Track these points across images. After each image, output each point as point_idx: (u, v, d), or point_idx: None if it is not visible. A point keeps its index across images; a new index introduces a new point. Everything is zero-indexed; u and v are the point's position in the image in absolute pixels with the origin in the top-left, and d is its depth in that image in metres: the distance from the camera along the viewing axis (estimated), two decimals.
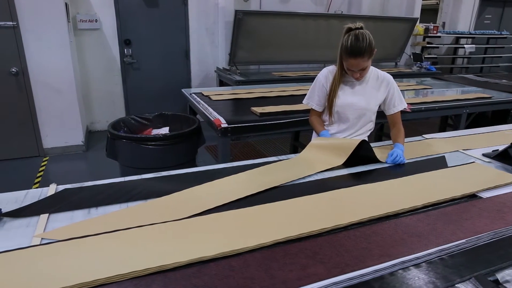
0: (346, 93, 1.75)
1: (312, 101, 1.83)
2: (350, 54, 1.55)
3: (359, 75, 1.64)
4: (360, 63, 1.57)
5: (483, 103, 3.13)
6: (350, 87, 1.76)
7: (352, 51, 1.54)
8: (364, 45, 1.52)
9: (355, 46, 1.53)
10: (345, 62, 1.62)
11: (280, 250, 0.92)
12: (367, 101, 1.75)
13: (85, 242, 0.93)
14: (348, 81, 1.75)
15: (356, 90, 1.75)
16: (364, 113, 1.77)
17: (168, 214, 1.08)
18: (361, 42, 1.52)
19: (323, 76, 1.77)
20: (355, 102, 1.74)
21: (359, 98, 1.75)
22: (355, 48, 1.53)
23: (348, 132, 1.81)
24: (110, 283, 0.79)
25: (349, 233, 1.01)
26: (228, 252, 0.89)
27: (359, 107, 1.75)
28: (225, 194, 1.22)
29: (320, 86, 1.78)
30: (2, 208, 1.17)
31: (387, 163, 1.59)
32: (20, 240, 1.00)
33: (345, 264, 0.88)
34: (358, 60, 1.55)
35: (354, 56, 1.55)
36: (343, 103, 1.74)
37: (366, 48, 1.53)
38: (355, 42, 1.53)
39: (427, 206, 1.19)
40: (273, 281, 0.80)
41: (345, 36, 1.58)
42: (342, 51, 1.59)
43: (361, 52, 1.53)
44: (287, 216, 1.07)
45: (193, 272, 0.82)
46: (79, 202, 1.21)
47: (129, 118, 2.75)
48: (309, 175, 1.43)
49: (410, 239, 0.99)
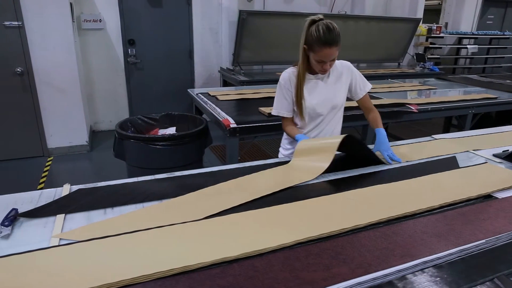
0: (313, 92, 1.69)
1: (282, 110, 1.74)
2: (324, 43, 1.49)
3: (329, 66, 1.59)
4: (334, 52, 1.52)
5: (489, 103, 3.13)
6: (315, 85, 1.70)
7: (327, 40, 1.48)
8: (336, 33, 1.49)
9: (329, 35, 1.48)
10: (316, 54, 1.53)
11: (302, 250, 0.92)
12: (335, 95, 1.72)
13: (106, 243, 0.93)
14: (311, 79, 1.70)
15: (322, 86, 1.71)
16: (335, 106, 1.74)
17: (187, 214, 1.08)
18: (333, 31, 1.49)
19: (286, 80, 1.69)
20: (325, 99, 1.70)
21: (327, 93, 1.71)
22: (330, 37, 1.48)
23: (322, 127, 1.77)
24: (135, 283, 0.79)
25: (368, 233, 1.01)
26: (251, 253, 0.89)
27: (330, 102, 1.72)
28: (242, 194, 1.22)
29: (286, 92, 1.70)
30: (18, 208, 1.18)
31: (390, 163, 1.60)
32: (39, 241, 1.00)
33: (368, 264, 0.88)
34: (333, 49, 1.50)
35: (329, 45, 1.49)
36: (312, 102, 1.69)
37: (338, 36, 1.51)
38: (328, 32, 1.48)
39: (443, 206, 1.20)
40: (298, 281, 0.80)
41: (312, 27, 1.52)
42: (313, 42, 1.51)
43: (336, 40, 1.49)
44: (306, 216, 1.08)
45: (217, 273, 0.82)
46: (94, 202, 1.21)
47: (136, 118, 2.75)
48: (322, 175, 1.43)
49: (430, 239, 0.99)
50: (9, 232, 1.05)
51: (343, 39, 1.57)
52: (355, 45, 5.29)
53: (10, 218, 1.10)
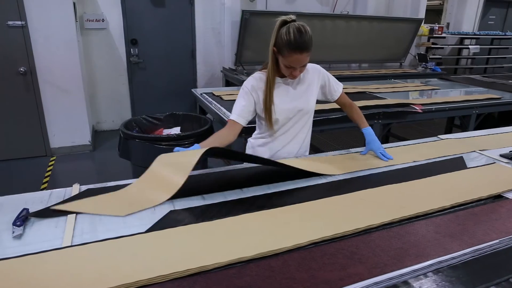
0: (283, 98, 1.55)
1: (242, 117, 1.52)
2: (295, 49, 1.35)
3: (299, 72, 1.46)
4: (305, 59, 1.39)
5: (493, 103, 3.13)
6: (285, 90, 1.56)
7: (298, 45, 1.34)
8: (308, 37, 1.35)
9: (300, 39, 1.34)
10: (285, 59, 1.39)
11: (318, 250, 0.92)
12: (306, 101, 1.60)
13: (121, 243, 0.93)
14: (281, 84, 1.55)
15: (292, 91, 1.57)
16: (307, 112, 1.63)
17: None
18: (305, 34, 1.35)
19: (251, 87, 1.53)
20: (296, 105, 1.57)
21: (298, 99, 1.57)
22: (301, 42, 1.34)
23: (292, 134, 1.64)
24: (152, 284, 0.79)
25: (382, 233, 1.01)
26: (266, 253, 0.89)
27: (300, 109, 1.59)
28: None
29: (248, 98, 1.53)
30: (29, 208, 1.17)
31: (386, 160, 1.61)
32: (51, 241, 1.00)
33: (383, 264, 0.88)
34: (303, 55, 1.37)
35: (300, 50, 1.35)
36: (283, 109, 1.55)
37: (310, 40, 1.37)
38: (299, 35, 1.34)
39: (455, 206, 1.20)
40: (315, 281, 0.80)
41: (282, 29, 1.37)
42: (282, 46, 1.37)
43: (307, 46, 1.36)
44: (319, 216, 1.08)
45: (234, 273, 0.82)
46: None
47: (140, 118, 2.75)
48: (332, 175, 1.44)
49: (444, 239, 1.00)
50: (21, 232, 1.04)
51: (346, 39, 1.54)
52: (357, 45, 5.29)
53: (21, 218, 1.10)
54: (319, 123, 2.32)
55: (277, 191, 1.30)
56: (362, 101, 2.78)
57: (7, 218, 1.12)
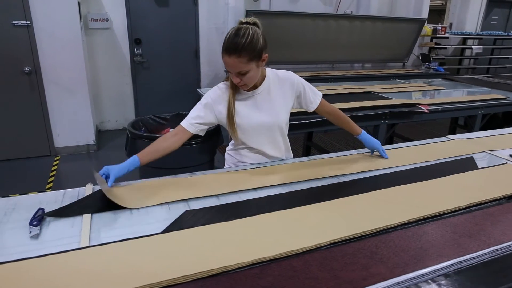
0: (248, 112, 1.42)
1: (194, 127, 1.42)
2: (224, 50, 1.25)
3: (240, 80, 1.31)
4: (237, 64, 1.25)
5: (499, 104, 3.14)
6: (251, 102, 1.42)
7: (227, 47, 1.24)
8: (242, 41, 1.22)
9: (232, 41, 1.23)
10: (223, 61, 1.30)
11: (337, 250, 0.92)
12: (276, 115, 1.45)
13: (142, 243, 0.93)
14: (248, 96, 1.42)
15: (259, 104, 1.43)
16: (277, 127, 1.48)
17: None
18: (240, 37, 1.22)
19: (215, 97, 1.41)
20: (262, 120, 1.44)
21: (265, 113, 1.44)
22: (231, 44, 1.23)
23: (262, 145, 1.52)
24: (175, 284, 0.79)
25: (401, 233, 1.01)
26: (288, 253, 0.89)
27: (268, 124, 1.45)
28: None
29: (206, 112, 1.42)
30: (44, 208, 1.17)
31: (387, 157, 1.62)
32: (69, 240, 0.99)
33: (404, 263, 0.88)
34: (233, 59, 1.24)
35: (229, 53, 1.24)
36: (247, 124, 1.43)
37: (245, 45, 1.22)
38: (233, 37, 1.23)
39: (470, 206, 1.20)
40: (338, 281, 0.80)
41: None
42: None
43: (237, 49, 1.22)
44: (337, 216, 1.08)
45: (257, 273, 0.82)
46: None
47: (147, 118, 2.75)
48: (344, 175, 1.44)
49: (462, 239, 1.00)
50: (38, 232, 1.04)
51: (350, 39, 1.49)
52: (360, 45, 5.29)
53: (37, 217, 1.10)
54: (322, 124, 2.31)
55: (290, 190, 1.30)
56: (369, 101, 2.79)
57: (23, 218, 1.12)
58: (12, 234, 1.03)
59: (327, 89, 3.24)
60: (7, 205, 1.21)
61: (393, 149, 1.81)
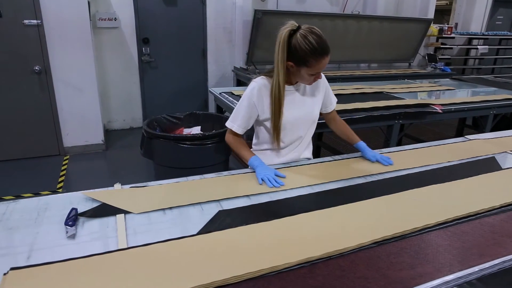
0: (291, 108, 1.47)
1: (240, 124, 1.47)
2: (322, 54, 1.29)
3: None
4: (327, 61, 1.34)
5: (510, 104, 3.14)
6: (292, 99, 1.48)
7: (323, 49, 1.29)
8: (324, 37, 1.31)
9: (323, 43, 1.29)
10: (312, 68, 1.32)
11: (381, 249, 0.92)
12: (312, 109, 1.53)
13: (184, 243, 0.93)
14: (288, 93, 1.46)
15: (299, 100, 1.50)
16: (314, 121, 1.57)
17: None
18: (321, 36, 1.30)
19: (256, 93, 1.43)
20: (304, 115, 1.51)
21: (305, 108, 1.51)
22: (325, 45, 1.29)
23: (296, 144, 1.58)
24: (227, 284, 0.78)
25: (439, 232, 1.02)
26: (333, 252, 0.89)
27: (308, 118, 1.53)
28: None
29: (251, 106, 1.45)
30: (77, 208, 1.17)
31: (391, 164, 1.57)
32: (106, 241, 0.99)
33: (449, 263, 0.88)
34: (327, 58, 1.31)
35: (327, 54, 1.30)
36: (292, 119, 1.48)
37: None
38: (320, 39, 1.28)
39: (503, 206, 1.20)
40: (388, 280, 0.80)
41: (294, 40, 1.30)
42: (306, 57, 1.29)
43: (329, 47, 1.31)
44: (376, 216, 1.08)
45: (306, 273, 0.82)
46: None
47: (161, 117, 2.75)
48: (371, 175, 1.44)
49: (502, 239, 1.00)
50: (74, 232, 1.04)
51: (356, 39, 1.51)
52: (366, 45, 5.29)
53: (72, 218, 1.10)
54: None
55: (319, 190, 1.30)
56: (382, 101, 2.78)
57: (57, 218, 1.12)
58: (49, 234, 1.03)
59: (339, 89, 3.24)
60: (39, 204, 1.21)
61: (415, 149, 1.81)
